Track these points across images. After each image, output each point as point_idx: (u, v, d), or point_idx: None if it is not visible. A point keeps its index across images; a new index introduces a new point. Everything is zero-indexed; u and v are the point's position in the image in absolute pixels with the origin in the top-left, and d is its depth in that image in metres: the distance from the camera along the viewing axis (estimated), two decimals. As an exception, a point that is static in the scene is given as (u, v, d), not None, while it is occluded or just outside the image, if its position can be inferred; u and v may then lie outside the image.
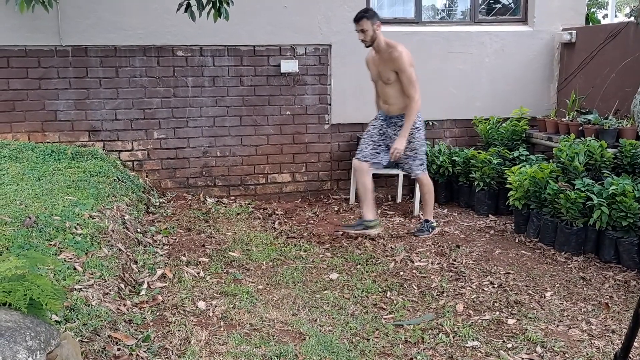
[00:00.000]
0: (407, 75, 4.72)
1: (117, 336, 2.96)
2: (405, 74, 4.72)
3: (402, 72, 4.72)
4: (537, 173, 4.92)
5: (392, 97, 4.87)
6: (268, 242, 4.79)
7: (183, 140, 5.87)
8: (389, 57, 4.75)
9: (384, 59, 4.80)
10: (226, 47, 5.79)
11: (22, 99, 5.44)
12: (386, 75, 4.82)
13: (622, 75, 5.70)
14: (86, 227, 3.90)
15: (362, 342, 3.24)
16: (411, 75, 4.72)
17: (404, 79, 4.73)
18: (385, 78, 4.84)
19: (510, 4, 6.77)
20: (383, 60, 4.81)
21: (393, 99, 4.88)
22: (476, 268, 4.39)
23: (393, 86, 4.83)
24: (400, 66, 4.70)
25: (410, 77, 4.72)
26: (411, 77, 4.72)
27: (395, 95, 4.85)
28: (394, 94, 4.85)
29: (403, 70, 4.71)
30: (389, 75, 4.80)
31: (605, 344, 3.29)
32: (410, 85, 4.73)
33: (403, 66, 4.70)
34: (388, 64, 4.78)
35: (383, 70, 4.83)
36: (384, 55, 4.79)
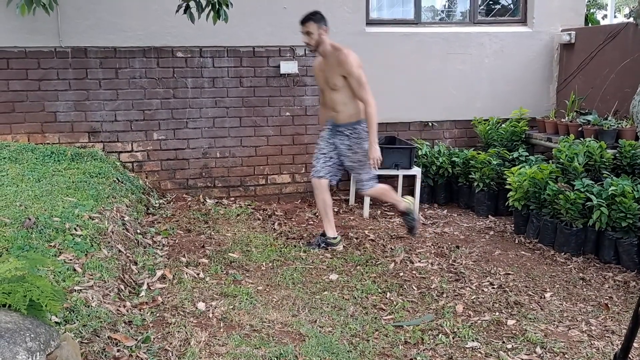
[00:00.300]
0: (357, 78, 4.44)
1: (117, 337, 2.96)
2: (354, 77, 4.43)
3: (350, 75, 4.43)
4: (536, 174, 4.92)
5: (340, 104, 4.59)
6: (268, 243, 4.79)
7: (183, 141, 5.87)
8: (336, 61, 4.48)
9: (330, 64, 4.52)
10: (226, 48, 5.79)
11: (22, 100, 5.44)
12: (333, 80, 4.53)
13: (622, 76, 5.70)
14: (86, 229, 3.89)
15: (362, 343, 3.24)
16: (360, 77, 4.44)
17: (353, 82, 4.45)
18: (332, 84, 4.55)
19: (509, 5, 6.78)
20: (329, 64, 4.53)
21: (340, 106, 4.59)
22: (476, 269, 4.39)
23: (341, 92, 4.55)
24: (348, 69, 4.42)
25: (360, 79, 4.44)
26: (361, 80, 4.44)
27: (343, 102, 4.57)
28: (341, 101, 4.57)
29: (351, 73, 4.43)
30: (336, 81, 4.51)
31: (605, 344, 3.29)
32: (362, 89, 4.46)
33: (351, 69, 4.42)
34: (335, 69, 4.49)
35: (330, 76, 4.55)
36: (330, 60, 4.52)
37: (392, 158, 5.60)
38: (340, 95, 4.57)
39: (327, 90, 4.65)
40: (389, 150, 5.64)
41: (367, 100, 4.49)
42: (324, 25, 4.50)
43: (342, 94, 4.56)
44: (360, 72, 4.46)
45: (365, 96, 4.47)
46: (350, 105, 4.56)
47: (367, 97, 4.48)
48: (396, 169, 5.65)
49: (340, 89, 4.54)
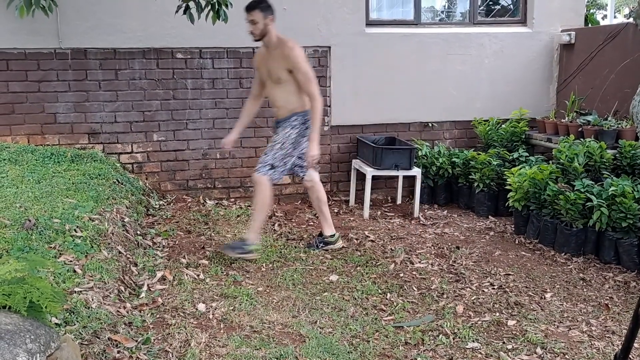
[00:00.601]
0: (303, 72, 4.27)
1: (117, 339, 2.96)
2: (301, 71, 4.26)
3: (297, 69, 4.26)
4: (536, 174, 4.92)
5: (281, 99, 4.43)
6: (268, 244, 4.79)
7: (183, 143, 5.87)
8: (281, 54, 4.30)
9: (275, 56, 4.35)
10: (225, 49, 5.79)
11: (22, 101, 5.44)
12: (277, 73, 4.36)
13: (622, 76, 5.70)
14: (86, 230, 3.89)
15: (362, 343, 3.24)
16: (307, 71, 4.28)
17: (299, 76, 4.28)
18: (275, 77, 4.38)
19: (509, 6, 6.78)
20: (274, 57, 4.36)
21: (282, 101, 4.44)
22: (476, 269, 4.38)
23: (284, 86, 4.38)
24: (295, 63, 4.25)
25: (307, 73, 4.27)
26: (308, 74, 4.28)
27: (285, 97, 4.41)
28: (283, 96, 4.41)
29: (298, 67, 4.26)
30: (280, 74, 4.34)
31: (606, 345, 3.29)
32: (309, 83, 4.28)
33: (298, 63, 4.25)
34: (280, 62, 4.32)
35: (274, 68, 4.36)
36: (275, 52, 4.34)
37: (392, 159, 5.59)
38: (283, 90, 4.40)
39: (269, 83, 4.47)
40: (389, 151, 5.64)
41: (314, 94, 4.31)
42: (271, 14, 4.30)
43: (285, 89, 4.39)
44: (307, 66, 4.31)
45: (313, 90, 4.30)
46: (293, 98, 4.38)
47: (314, 92, 4.30)
48: (396, 170, 5.65)
49: (284, 82, 4.37)
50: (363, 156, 5.96)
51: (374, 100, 6.17)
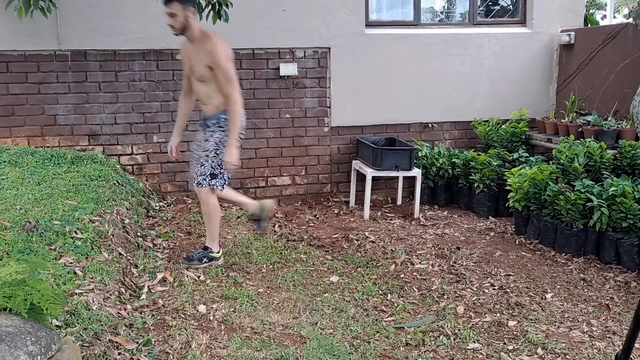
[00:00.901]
0: (224, 71, 3.99)
1: (117, 340, 2.96)
2: (221, 69, 3.99)
3: (217, 66, 3.98)
4: (536, 174, 4.92)
5: (206, 96, 4.16)
6: (268, 246, 4.79)
7: (183, 144, 5.82)
8: (203, 49, 4.03)
9: (197, 51, 4.08)
10: (225, 50, 5.78)
11: (22, 103, 5.44)
12: (199, 70, 4.09)
13: (621, 76, 5.70)
14: (86, 232, 3.89)
15: (363, 344, 3.24)
16: (228, 70, 4.00)
17: (219, 75, 4.00)
18: (198, 74, 4.12)
19: (508, 6, 6.78)
20: (197, 52, 4.10)
21: (207, 99, 4.17)
22: (476, 270, 4.38)
23: (207, 84, 4.11)
24: (216, 59, 3.97)
25: (228, 72, 4.00)
26: (228, 73, 4.00)
27: (209, 94, 4.14)
28: (208, 93, 4.14)
29: (219, 64, 3.98)
30: (202, 71, 4.08)
31: (606, 345, 3.29)
32: (228, 83, 4.01)
33: (219, 60, 3.97)
34: (202, 58, 4.05)
35: (196, 65, 4.10)
36: (198, 47, 4.08)
37: (392, 159, 5.59)
38: (207, 87, 4.13)
39: (193, 79, 4.23)
40: (389, 152, 5.65)
41: (233, 97, 4.03)
42: (191, 7, 4.04)
43: (209, 87, 4.12)
44: (228, 64, 4.03)
45: (231, 92, 4.02)
46: (218, 96, 4.10)
47: (232, 94, 4.02)
48: (396, 171, 5.65)
49: (207, 80, 4.10)
50: (363, 157, 5.96)
51: (374, 101, 6.17)
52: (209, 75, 4.06)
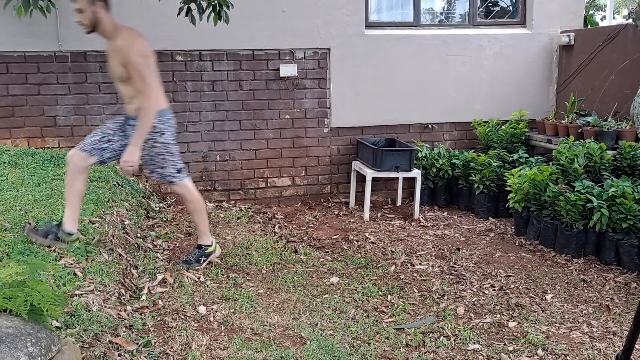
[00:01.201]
0: (135, 67, 3.67)
1: (117, 342, 2.96)
2: (132, 66, 3.67)
3: (128, 63, 3.68)
4: (536, 175, 4.92)
5: (128, 95, 3.87)
6: (268, 246, 4.79)
7: (182, 145, 5.86)
8: (115, 46, 3.74)
9: (111, 49, 3.80)
10: (225, 51, 5.79)
11: (22, 104, 5.44)
12: (115, 69, 3.80)
13: (621, 77, 5.71)
14: (86, 233, 3.89)
15: (363, 346, 3.24)
16: (139, 65, 3.68)
17: (131, 72, 3.70)
18: (117, 74, 3.82)
19: (508, 7, 6.79)
20: (111, 50, 3.81)
21: (129, 99, 3.89)
22: (477, 271, 4.38)
23: (127, 84, 3.81)
24: (127, 57, 3.67)
25: (139, 68, 3.68)
26: (140, 69, 3.68)
27: (130, 94, 3.85)
28: (129, 93, 3.85)
29: (129, 61, 3.67)
30: (117, 70, 3.78)
31: (607, 346, 3.29)
32: (140, 81, 3.70)
33: (129, 56, 3.66)
34: (116, 56, 3.75)
35: (112, 64, 3.82)
36: (111, 44, 3.79)
37: (392, 160, 5.59)
38: (127, 87, 3.83)
39: (114, 80, 3.96)
40: (389, 153, 5.64)
41: (147, 94, 3.73)
42: (100, 1, 3.72)
43: (129, 86, 3.81)
44: (141, 60, 3.70)
45: (145, 90, 3.73)
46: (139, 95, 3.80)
47: (146, 91, 3.73)
48: (396, 172, 5.65)
49: (125, 79, 3.79)
50: (363, 158, 5.96)
51: (374, 102, 6.18)
52: (126, 73, 3.74)
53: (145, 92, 3.74)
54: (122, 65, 3.73)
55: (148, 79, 3.74)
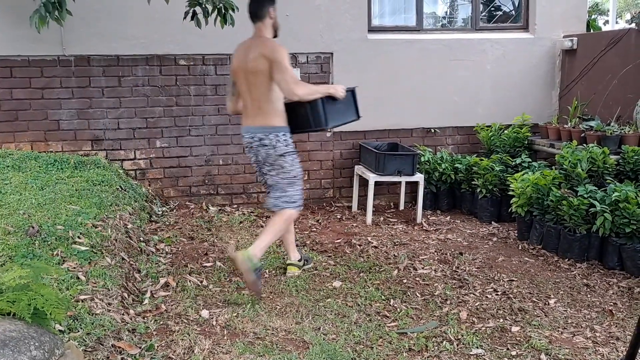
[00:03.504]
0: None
1: (120, 345, 2.96)
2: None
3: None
4: (539, 180, 4.92)
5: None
6: (271, 251, 4.78)
7: (185, 149, 5.87)
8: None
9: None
10: (228, 55, 5.80)
11: (25, 108, 5.46)
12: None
13: (624, 81, 5.70)
14: (89, 236, 3.90)
15: (366, 350, 3.23)
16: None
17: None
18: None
19: (511, 12, 6.79)
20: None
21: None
22: (479, 275, 4.38)
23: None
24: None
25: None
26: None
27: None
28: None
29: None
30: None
31: (610, 351, 3.28)
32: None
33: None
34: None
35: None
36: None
37: (394, 165, 5.59)
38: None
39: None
40: (392, 157, 5.64)
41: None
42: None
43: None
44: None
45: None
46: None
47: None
48: (399, 176, 5.64)
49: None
50: (366, 162, 5.97)
51: (377, 106, 6.18)
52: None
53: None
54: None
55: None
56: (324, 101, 3.90)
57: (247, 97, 3.95)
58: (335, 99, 3.96)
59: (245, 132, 4.00)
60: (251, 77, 3.88)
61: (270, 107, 3.90)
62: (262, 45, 3.87)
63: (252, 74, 3.87)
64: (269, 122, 3.90)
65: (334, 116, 4.00)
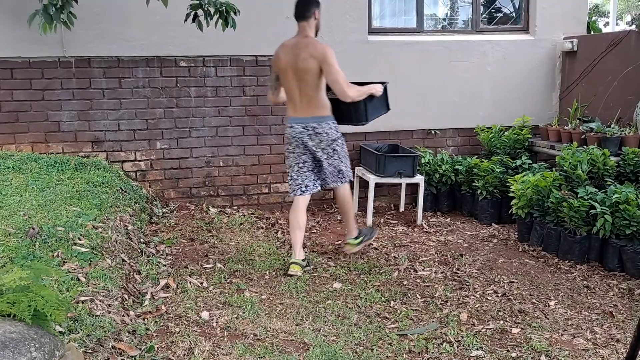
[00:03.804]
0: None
1: (120, 347, 2.96)
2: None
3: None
4: (540, 181, 4.92)
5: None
6: (271, 252, 4.79)
7: (186, 150, 5.88)
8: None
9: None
10: (229, 57, 5.81)
11: (26, 110, 5.46)
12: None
13: (624, 83, 5.71)
14: (90, 238, 3.90)
15: (366, 352, 3.23)
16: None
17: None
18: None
19: (511, 13, 6.80)
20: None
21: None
22: (480, 277, 4.38)
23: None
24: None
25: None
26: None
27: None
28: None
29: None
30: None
31: (610, 353, 3.28)
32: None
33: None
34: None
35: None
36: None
37: (395, 166, 5.60)
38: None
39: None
40: (392, 159, 5.65)
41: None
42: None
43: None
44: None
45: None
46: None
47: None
48: (399, 177, 5.64)
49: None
50: (366, 163, 5.97)
51: (377, 108, 6.17)
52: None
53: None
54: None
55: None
56: (365, 100, 4.45)
57: (295, 92, 4.37)
58: (374, 97, 4.51)
59: (295, 122, 4.42)
60: (301, 74, 4.30)
61: (320, 100, 4.38)
62: (313, 46, 4.29)
63: (303, 72, 4.28)
64: (320, 113, 4.39)
65: (371, 112, 4.60)
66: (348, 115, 4.57)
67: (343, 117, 4.54)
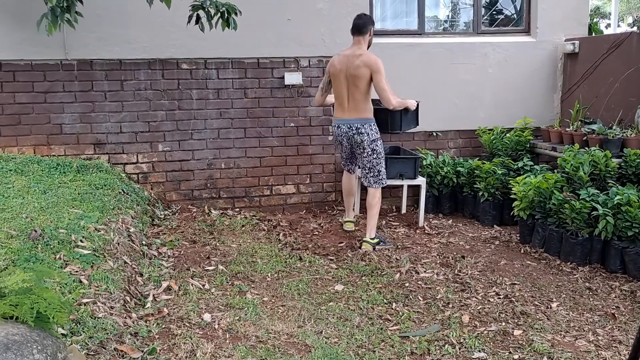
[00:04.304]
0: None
1: (123, 349, 2.96)
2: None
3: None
4: (541, 183, 4.92)
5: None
6: (273, 254, 4.79)
7: (188, 153, 5.88)
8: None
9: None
10: (230, 59, 5.82)
11: (28, 112, 5.47)
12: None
13: (626, 85, 5.70)
14: (92, 240, 3.90)
15: (368, 353, 3.23)
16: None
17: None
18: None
19: (513, 15, 6.80)
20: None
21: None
22: (482, 279, 4.38)
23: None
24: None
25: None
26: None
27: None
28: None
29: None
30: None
31: (612, 354, 3.28)
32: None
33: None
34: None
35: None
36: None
37: (396, 168, 5.60)
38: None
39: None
40: (394, 160, 5.64)
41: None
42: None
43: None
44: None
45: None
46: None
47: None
48: (401, 179, 5.64)
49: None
50: (368, 166, 5.96)
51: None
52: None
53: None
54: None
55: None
56: (401, 111, 5.17)
57: (344, 95, 4.98)
58: (408, 110, 5.21)
59: (342, 122, 5.05)
60: (353, 80, 4.87)
61: (366, 104, 4.99)
62: (367, 57, 4.86)
63: (354, 78, 4.86)
64: (364, 115, 5.00)
65: (405, 123, 5.31)
66: (384, 124, 5.23)
67: (380, 125, 5.13)
